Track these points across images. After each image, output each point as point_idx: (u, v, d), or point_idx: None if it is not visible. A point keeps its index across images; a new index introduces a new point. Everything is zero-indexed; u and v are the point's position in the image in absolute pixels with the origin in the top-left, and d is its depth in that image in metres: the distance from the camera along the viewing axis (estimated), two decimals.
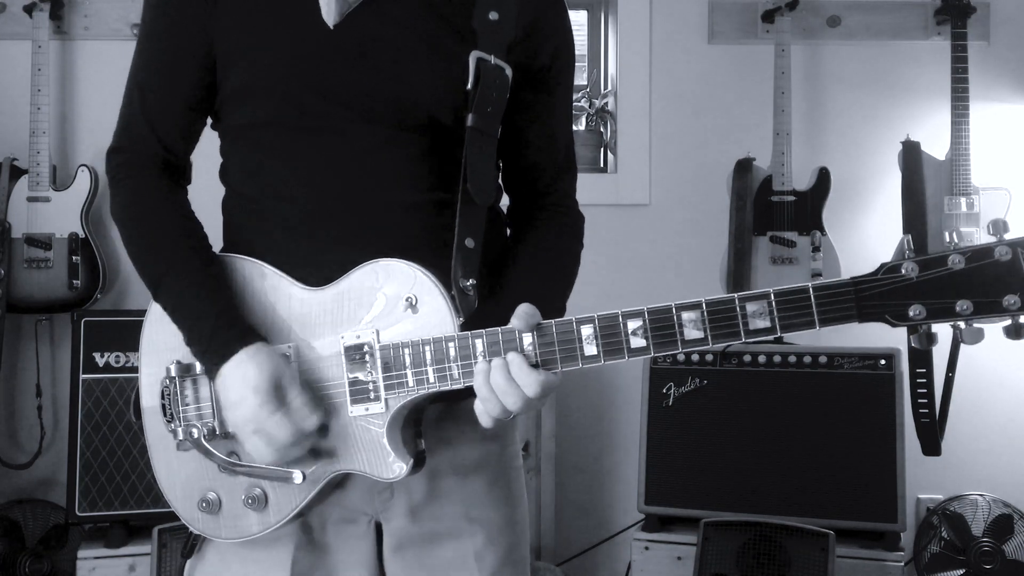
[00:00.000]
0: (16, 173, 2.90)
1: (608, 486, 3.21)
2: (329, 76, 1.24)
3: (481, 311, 1.18)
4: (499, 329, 1.13)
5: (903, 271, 1.00)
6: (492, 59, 1.26)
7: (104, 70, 3.07)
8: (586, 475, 3.20)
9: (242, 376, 1.18)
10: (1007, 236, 0.98)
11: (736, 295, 1.05)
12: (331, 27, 1.24)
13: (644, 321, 1.08)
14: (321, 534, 1.29)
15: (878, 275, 1.01)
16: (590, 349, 1.10)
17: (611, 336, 1.09)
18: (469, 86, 1.25)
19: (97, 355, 2.68)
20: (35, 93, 2.89)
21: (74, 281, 2.88)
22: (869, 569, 2.48)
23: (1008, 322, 0.99)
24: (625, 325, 1.08)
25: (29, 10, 2.93)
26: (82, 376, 2.66)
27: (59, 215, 2.90)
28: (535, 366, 1.10)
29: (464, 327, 1.15)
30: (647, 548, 2.65)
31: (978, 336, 1.00)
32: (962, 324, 1.00)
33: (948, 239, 1.02)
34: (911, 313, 1.00)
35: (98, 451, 2.63)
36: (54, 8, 2.95)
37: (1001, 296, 0.96)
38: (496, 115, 1.28)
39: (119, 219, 1.32)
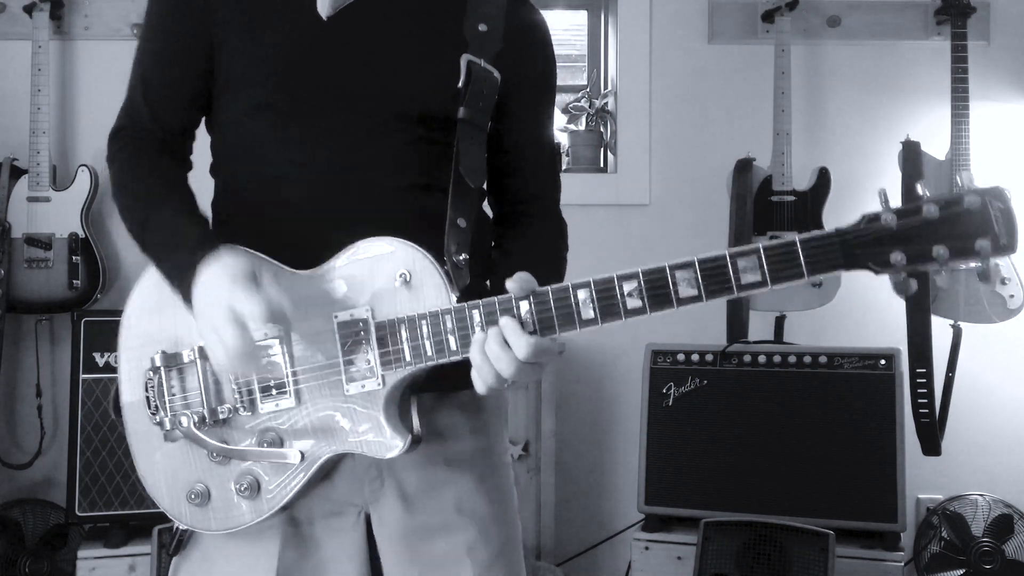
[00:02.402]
0: (16, 173, 2.89)
1: (608, 486, 3.21)
2: (320, 64, 1.27)
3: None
4: (495, 298, 1.13)
5: (882, 220, 1.04)
6: (482, 63, 1.30)
7: (104, 70, 3.06)
8: (586, 475, 3.19)
9: (220, 266, 1.15)
10: (976, 186, 1.02)
11: (727, 251, 1.08)
12: (324, 19, 1.27)
13: (639, 282, 1.09)
14: (309, 528, 1.29)
15: (860, 225, 1.05)
16: (587, 312, 1.11)
17: (607, 298, 1.10)
18: (460, 84, 1.28)
19: (97, 355, 2.68)
20: (35, 93, 2.88)
21: (74, 281, 2.88)
22: (869, 569, 2.48)
23: (979, 265, 1.03)
24: (621, 287, 1.10)
25: (29, 10, 2.93)
26: (82, 376, 2.66)
27: (59, 215, 2.90)
28: (533, 332, 1.11)
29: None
30: (647, 548, 2.65)
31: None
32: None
33: None
34: (892, 259, 1.03)
35: (98, 451, 2.63)
36: (54, 8, 2.95)
37: (973, 241, 1.01)
38: (486, 111, 1.31)
39: (117, 182, 1.33)
